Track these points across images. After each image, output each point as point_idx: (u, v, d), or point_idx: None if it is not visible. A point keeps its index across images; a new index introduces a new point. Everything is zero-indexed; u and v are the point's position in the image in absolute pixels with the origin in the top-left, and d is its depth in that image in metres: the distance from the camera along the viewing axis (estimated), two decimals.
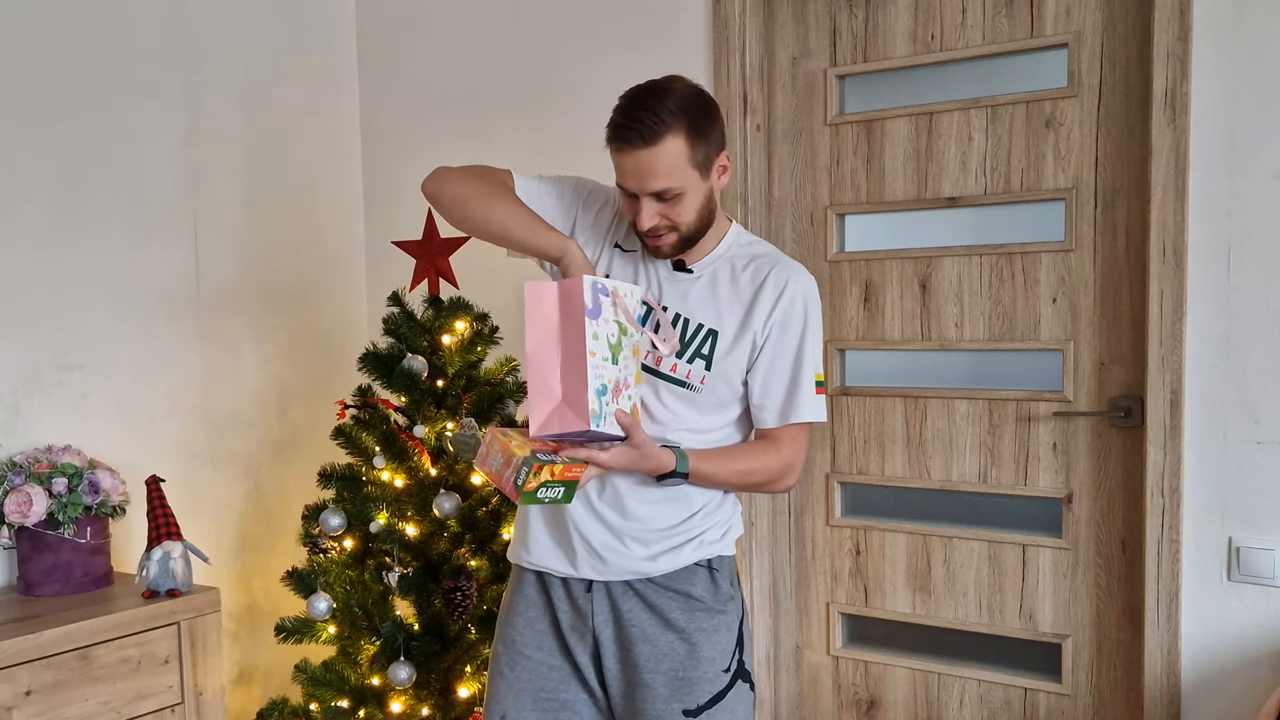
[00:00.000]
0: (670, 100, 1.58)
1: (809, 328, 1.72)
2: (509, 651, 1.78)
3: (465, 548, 2.41)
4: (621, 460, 1.59)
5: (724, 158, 1.68)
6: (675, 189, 1.60)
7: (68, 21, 2.52)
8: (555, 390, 1.52)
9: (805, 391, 1.71)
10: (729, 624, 1.74)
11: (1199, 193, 2.11)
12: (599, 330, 1.53)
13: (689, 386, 1.69)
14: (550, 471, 1.51)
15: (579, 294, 1.52)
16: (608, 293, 1.56)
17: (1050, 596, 2.40)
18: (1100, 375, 2.32)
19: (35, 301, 2.48)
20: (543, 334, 1.54)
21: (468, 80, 3.03)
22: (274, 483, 3.00)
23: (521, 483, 1.49)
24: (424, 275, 2.46)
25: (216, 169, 2.86)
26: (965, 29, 2.41)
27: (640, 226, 1.64)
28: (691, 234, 1.67)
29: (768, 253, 1.76)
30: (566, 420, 1.51)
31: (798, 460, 1.74)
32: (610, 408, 1.53)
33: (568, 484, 1.55)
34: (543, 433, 1.53)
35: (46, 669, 2.10)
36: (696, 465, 1.65)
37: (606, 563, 1.70)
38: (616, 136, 1.60)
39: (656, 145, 1.57)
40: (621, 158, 1.61)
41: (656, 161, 1.58)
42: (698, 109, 1.61)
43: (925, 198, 2.48)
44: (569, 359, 1.52)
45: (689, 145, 1.59)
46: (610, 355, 1.54)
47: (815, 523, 2.68)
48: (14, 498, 2.24)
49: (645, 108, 1.57)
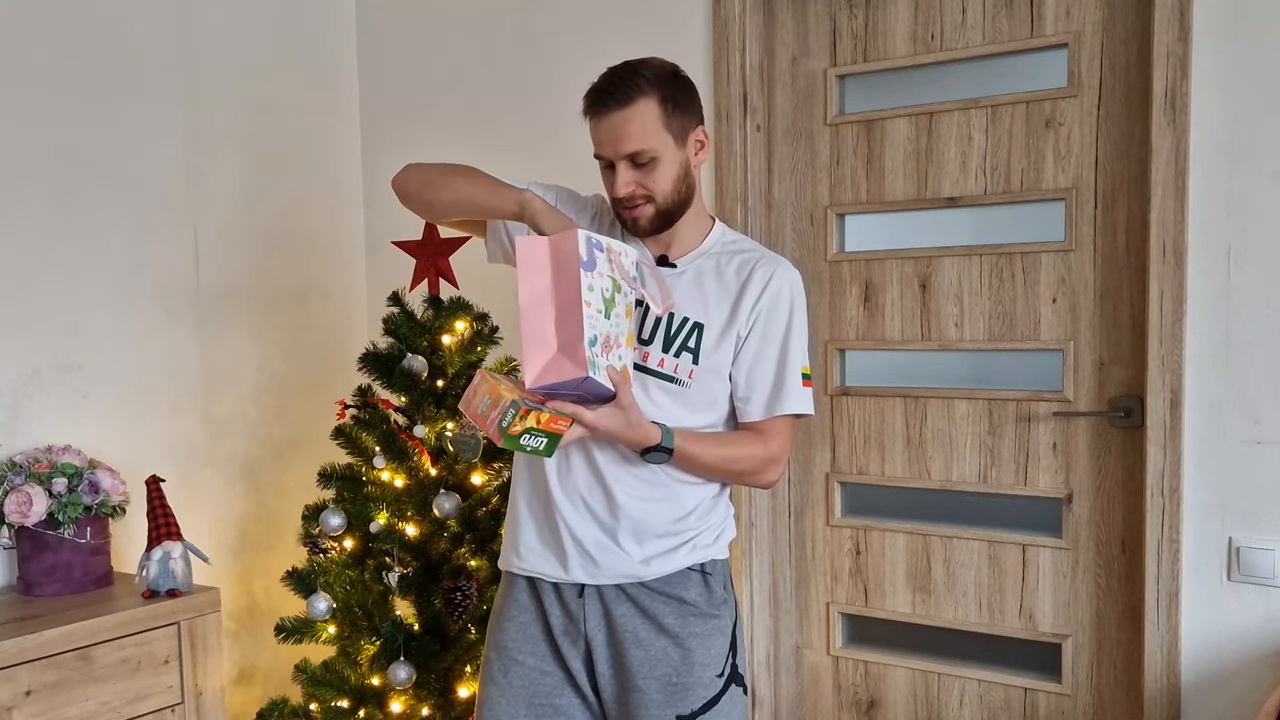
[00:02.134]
0: (645, 69, 1.65)
1: (794, 320, 1.72)
2: (501, 657, 1.76)
3: (465, 548, 2.41)
4: (607, 422, 1.55)
5: (700, 132, 1.70)
6: (649, 152, 1.63)
7: (68, 21, 2.53)
8: (550, 341, 1.50)
9: (791, 384, 1.70)
10: (722, 628, 1.74)
11: (1199, 193, 2.11)
12: (594, 283, 1.51)
13: (678, 381, 1.68)
14: (536, 418, 1.49)
15: (574, 246, 1.51)
16: (602, 248, 1.55)
17: (1050, 596, 2.40)
18: (1100, 375, 2.32)
19: (35, 301, 2.48)
20: (536, 286, 1.52)
21: (468, 80, 3.03)
22: (274, 483, 3.00)
23: (507, 425, 1.47)
24: (424, 275, 2.46)
25: (216, 169, 2.86)
26: (965, 29, 2.41)
27: (616, 193, 1.66)
28: (668, 207, 1.67)
29: (753, 248, 1.77)
30: (564, 369, 1.49)
31: (783, 454, 1.73)
32: (602, 360, 1.52)
33: (551, 435, 1.52)
34: (539, 384, 1.50)
35: (46, 669, 2.10)
36: (682, 444, 1.63)
37: (599, 565, 1.69)
38: (592, 103, 1.65)
39: (629, 107, 1.61)
40: (597, 124, 1.65)
41: (629, 123, 1.61)
42: (672, 80, 1.67)
43: (925, 198, 2.48)
44: (564, 310, 1.50)
45: (662, 110, 1.63)
46: (604, 309, 1.53)
47: (815, 523, 2.68)
48: (14, 498, 2.24)
49: (620, 74, 1.64)
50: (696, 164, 1.71)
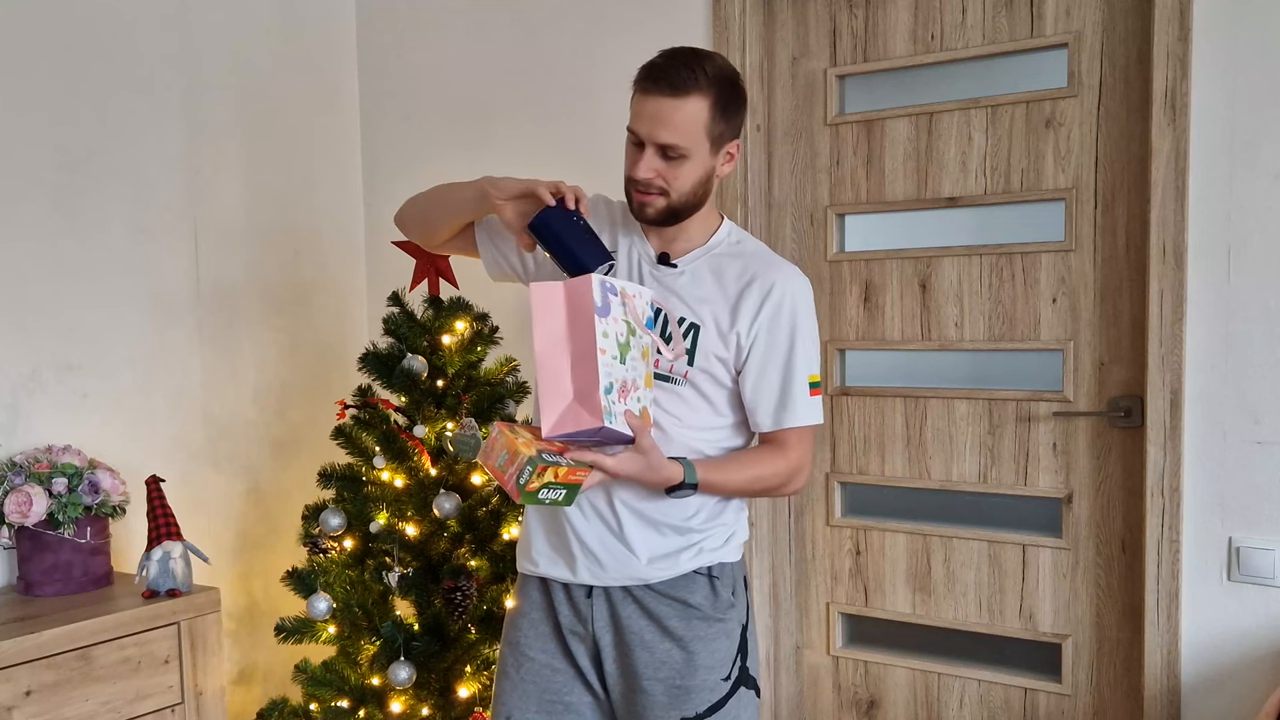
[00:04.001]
0: (710, 65, 1.60)
1: (799, 329, 1.70)
2: (514, 654, 1.79)
3: (465, 548, 2.40)
4: (628, 468, 1.56)
5: (734, 145, 1.68)
6: (683, 150, 1.60)
7: (68, 21, 2.52)
8: (567, 390, 1.51)
9: (799, 395, 1.70)
10: (728, 632, 1.73)
11: (1199, 193, 2.11)
12: (608, 329, 1.51)
13: (671, 380, 1.68)
14: (554, 473, 1.50)
15: (588, 292, 1.50)
16: (616, 292, 1.55)
17: (1050, 596, 2.40)
18: (1100, 375, 2.32)
19: (35, 301, 2.48)
20: (552, 334, 1.52)
21: (468, 80, 3.03)
22: (274, 483, 3.00)
23: (524, 482, 1.48)
24: (424, 275, 2.46)
25: (216, 169, 2.86)
26: (965, 29, 2.41)
27: (635, 174, 1.63)
28: (681, 206, 1.66)
29: (758, 252, 1.74)
30: (580, 419, 1.50)
31: (805, 463, 1.73)
32: (619, 406, 1.52)
33: (570, 487, 1.54)
34: (556, 433, 1.51)
35: (46, 669, 2.10)
36: (705, 476, 1.64)
37: (605, 567, 1.70)
38: (647, 77, 1.60)
39: (682, 99, 1.58)
40: (644, 100, 1.60)
41: (676, 114, 1.58)
42: (731, 86, 1.63)
43: (925, 198, 2.48)
44: (579, 357, 1.50)
45: (710, 114, 1.60)
46: (619, 354, 1.53)
47: (815, 523, 2.68)
48: (14, 498, 2.24)
49: (685, 62, 1.59)
50: (720, 174, 1.70)
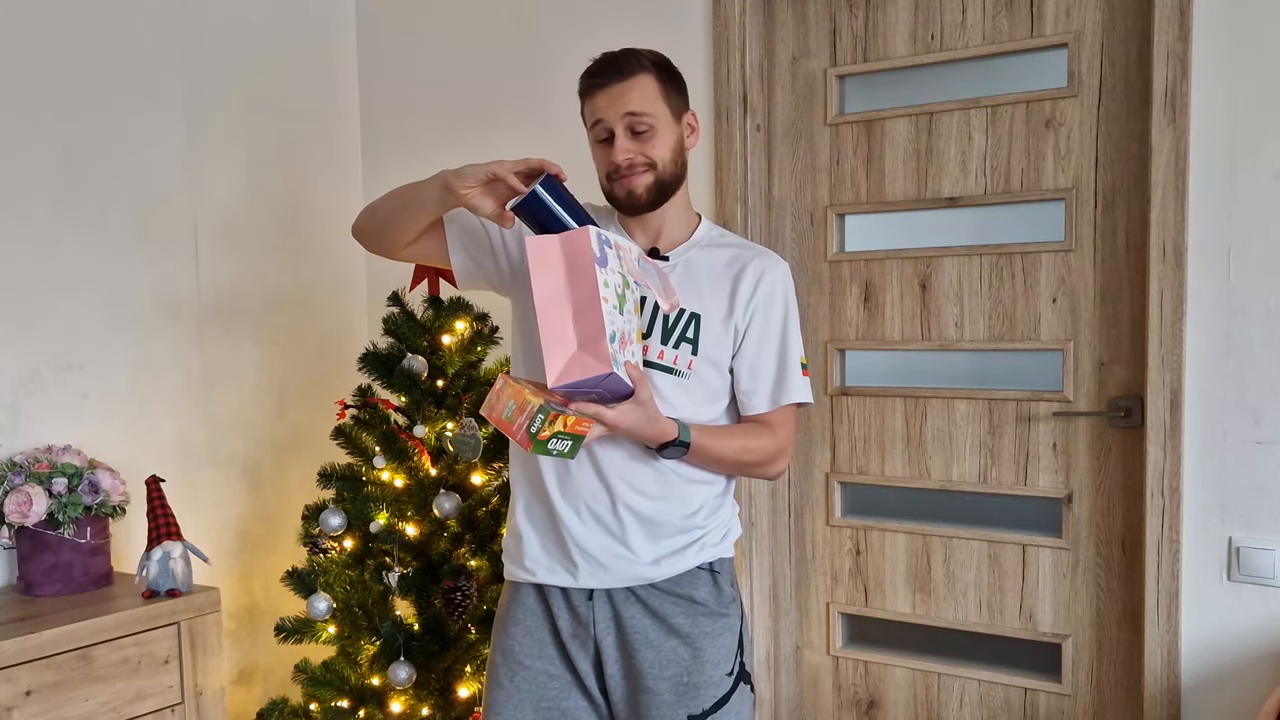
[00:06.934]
0: (640, 52, 1.70)
1: (789, 312, 1.75)
2: (507, 662, 1.75)
3: (465, 548, 2.41)
4: (627, 419, 1.55)
5: (691, 116, 1.75)
6: (649, 118, 1.66)
7: (68, 21, 2.53)
8: (571, 338, 1.49)
9: (793, 374, 1.73)
10: (731, 627, 1.74)
11: (1199, 193, 2.11)
12: (608, 279, 1.51)
13: (677, 373, 1.68)
14: (564, 422, 1.48)
15: (586, 244, 1.50)
16: (611, 244, 1.55)
17: (1050, 596, 2.40)
18: (1100, 375, 2.32)
19: (35, 301, 2.48)
20: (551, 285, 1.51)
21: (467, 80, 3.03)
22: (274, 483, 3.00)
23: (536, 430, 1.46)
24: (424, 275, 2.46)
25: (216, 169, 2.86)
26: (965, 29, 2.41)
27: (615, 159, 1.67)
28: (668, 178, 1.69)
29: (740, 243, 1.80)
30: (587, 366, 1.48)
31: (789, 444, 1.76)
32: (621, 356, 1.52)
33: (575, 438, 1.52)
34: (562, 382, 1.49)
35: (46, 669, 2.10)
36: (698, 438, 1.65)
37: (608, 570, 1.69)
38: (592, 75, 1.69)
39: (630, 79, 1.66)
40: (597, 95, 1.68)
41: (631, 90, 1.66)
42: (668, 65, 1.72)
43: (925, 198, 2.48)
44: (581, 307, 1.49)
45: (660, 85, 1.68)
46: (618, 305, 1.53)
47: (815, 523, 2.68)
48: (14, 498, 2.24)
49: (621, 53, 1.70)
50: (688, 145, 1.75)
